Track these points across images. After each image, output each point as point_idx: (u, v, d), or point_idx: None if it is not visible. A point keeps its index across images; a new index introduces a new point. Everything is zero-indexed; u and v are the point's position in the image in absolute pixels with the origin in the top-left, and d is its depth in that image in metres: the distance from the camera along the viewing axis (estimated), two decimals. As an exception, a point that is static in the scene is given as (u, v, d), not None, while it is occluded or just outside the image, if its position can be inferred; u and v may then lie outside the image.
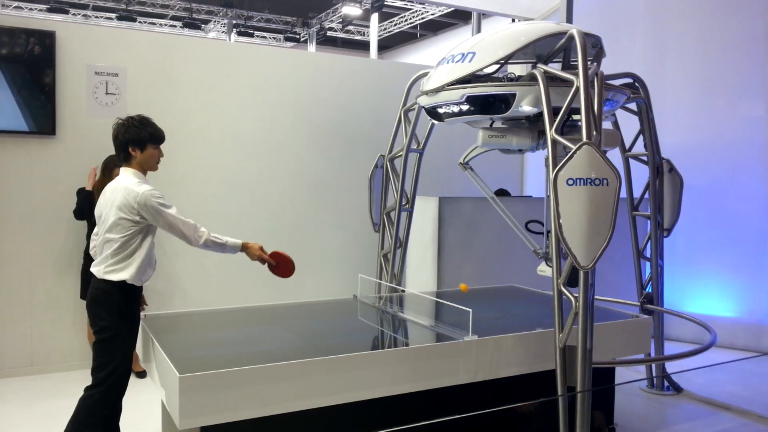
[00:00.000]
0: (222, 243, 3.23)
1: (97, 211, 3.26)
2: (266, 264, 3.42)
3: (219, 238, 3.23)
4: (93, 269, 3.17)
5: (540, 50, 3.97)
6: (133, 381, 4.92)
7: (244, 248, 3.33)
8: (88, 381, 3.23)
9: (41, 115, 5.07)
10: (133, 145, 3.17)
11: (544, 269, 4.29)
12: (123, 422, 3.46)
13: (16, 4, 15.08)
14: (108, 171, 4.87)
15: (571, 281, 3.23)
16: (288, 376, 2.78)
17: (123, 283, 3.09)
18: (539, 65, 3.67)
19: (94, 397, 3.07)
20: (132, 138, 3.17)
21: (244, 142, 5.99)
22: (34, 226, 5.16)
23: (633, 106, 4.73)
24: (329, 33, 16.54)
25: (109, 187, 3.21)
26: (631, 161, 4.95)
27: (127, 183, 3.12)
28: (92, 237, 3.33)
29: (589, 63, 3.42)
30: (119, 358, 3.10)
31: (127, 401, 3.17)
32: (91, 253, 3.32)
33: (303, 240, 6.28)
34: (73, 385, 4.82)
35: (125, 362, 3.13)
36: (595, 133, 3.21)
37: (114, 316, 3.08)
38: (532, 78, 3.60)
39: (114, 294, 3.08)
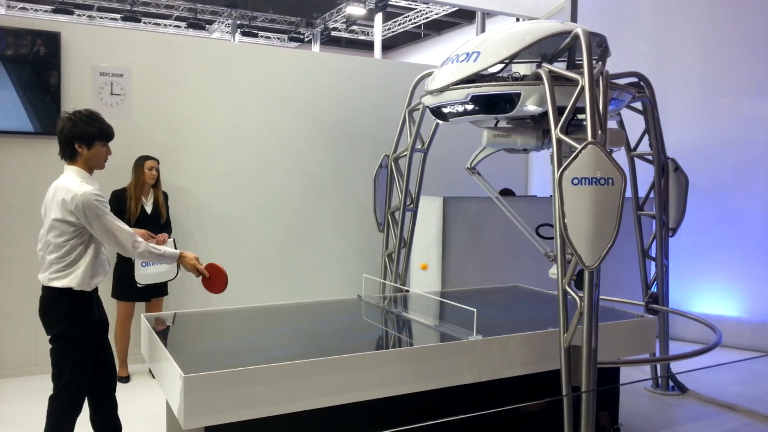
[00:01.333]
0: (160, 254, 3.08)
1: (42, 212, 3.11)
2: (200, 276, 3.25)
3: (156, 249, 3.07)
4: (39, 275, 3.01)
5: (545, 49, 3.97)
6: (138, 381, 4.97)
7: (181, 258, 3.17)
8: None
9: (46, 116, 5.09)
10: (79, 142, 2.97)
11: (556, 272, 4.28)
12: (128, 422, 3.47)
13: (21, 5, 15.14)
14: (138, 169, 4.96)
15: (579, 284, 3.23)
16: (292, 376, 2.78)
17: (70, 290, 2.94)
18: (544, 64, 3.66)
19: (58, 408, 2.98)
20: (79, 133, 2.97)
21: (249, 143, 6.00)
22: (39, 225, 5.15)
23: (638, 105, 4.71)
24: (333, 33, 16.55)
25: (52, 186, 3.04)
26: (637, 160, 4.94)
27: (68, 183, 2.93)
28: (39, 237, 3.14)
29: (594, 62, 3.41)
30: (73, 365, 2.97)
31: (132, 401, 3.18)
32: (38, 254, 3.11)
33: (307, 240, 6.29)
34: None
35: (81, 368, 3.00)
36: (600, 132, 3.20)
37: (64, 324, 2.94)
38: (536, 77, 3.59)
39: (61, 301, 2.94)
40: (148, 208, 5.02)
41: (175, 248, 5.02)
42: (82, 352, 3.00)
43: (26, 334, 5.14)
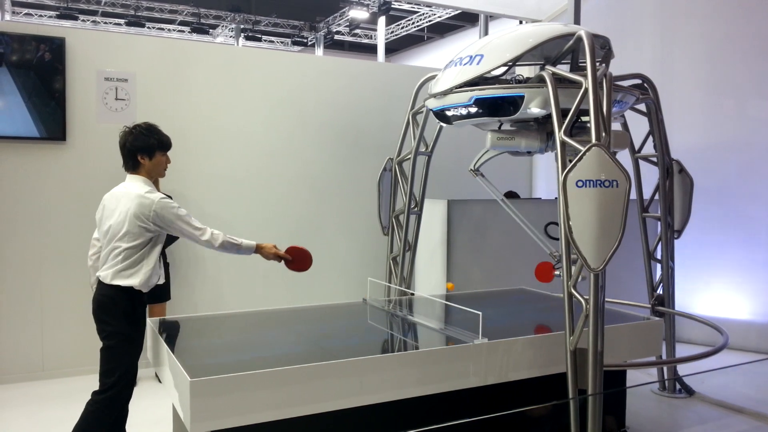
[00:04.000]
0: (237, 244, 3.26)
1: (99, 216, 3.25)
2: (282, 261, 3.44)
3: (234, 240, 3.26)
4: (100, 274, 3.16)
5: (548, 52, 3.96)
6: (144, 386, 4.97)
7: (259, 249, 3.35)
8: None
9: (52, 121, 5.11)
10: (141, 153, 3.19)
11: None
12: (134, 427, 3.47)
13: (26, 10, 15.21)
14: None
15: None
16: (298, 380, 2.78)
17: (131, 289, 3.10)
18: (547, 67, 3.66)
19: (102, 403, 3.08)
20: (140, 146, 3.19)
21: (252, 146, 6.01)
22: (45, 231, 5.20)
23: (642, 107, 4.70)
24: (336, 36, 16.58)
25: (116, 195, 3.20)
26: (641, 162, 4.93)
27: (138, 191, 3.12)
28: (92, 242, 3.33)
29: (597, 64, 3.41)
30: (127, 363, 3.12)
31: (138, 405, 3.19)
32: (91, 259, 3.31)
33: (312, 243, 6.25)
34: (84, 389, 4.82)
35: (133, 368, 3.15)
36: (604, 134, 3.20)
37: (122, 322, 3.10)
38: (540, 80, 3.59)
39: (121, 300, 3.10)
40: None
41: (166, 261, 5.14)
42: (137, 349, 3.17)
43: (31, 339, 5.16)
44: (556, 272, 4.40)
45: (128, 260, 3.09)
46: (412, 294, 5.05)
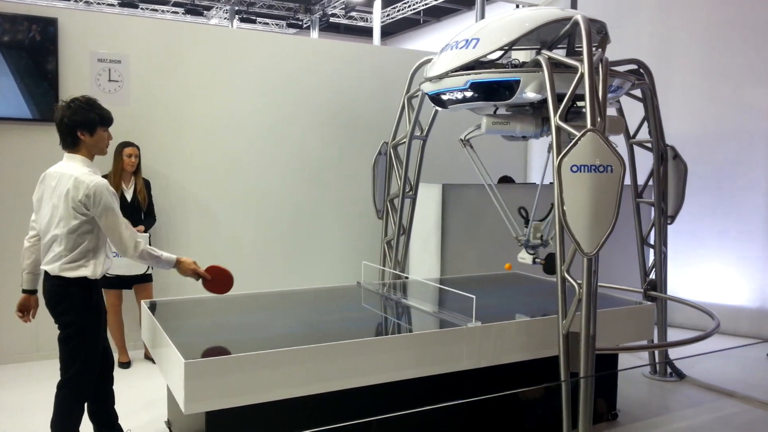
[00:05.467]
0: (157, 256, 3.06)
1: (37, 198, 3.05)
2: (200, 279, 3.23)
3: (154, 251, 3.06)
4: (45, 267, 2.97)
5: (544, 36, 3.95)
6: (137, 367, 4.99)
7: (178, 263, 3.14)
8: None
9: (44, 103, 5.07)
10: (81, 129, 2.94)
11: (525, 256, 4.32)
12: (128, 407, 3.49)
13: (17, -10, 14.99)
14: (117, 156, 4.91)
15: (549, 268, 3.21)
16: (292, 361, 2.80)
17: (83, 279, 2.94)
18: (543, 51, 3.65)
19: (69, 394, 2.98)
20: (80, 120, 2.93)
21: (247, 129, 5.99)
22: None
23: (638, 92, 4.70)
24: (332, 19, 16.44)
25: (52, 175, 2.98)
26: (636, 148, 4.94)
27: (75, 172, 2.89)
28: (31, 224, 3.13)
29: (593, 49, 3.40)
30: (85, 353, 2.98)
31: (132, 386, 3.20)
32: (29, 241, 3.12)
33: (306, 226, 6.29)
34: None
35: (94, 355, 3.02)
36: (599, 119, 3.20)
37: (78, 311, 2.94)
38: (536, 64, 3.59)
39: (72, 290, 2.93)
40: (128, 196, 4.99)
41: (150, 243, 4.98)
42: (95, 337, 3.02)
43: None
44: (520, 256, 4.45)
45: (74, 251, 2.90)
46: (406, 278, 5.07)
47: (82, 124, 2.95)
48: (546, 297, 4.24)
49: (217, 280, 3.26)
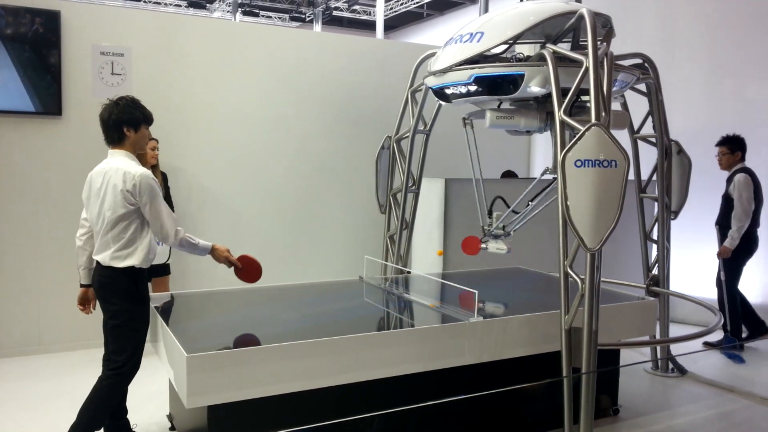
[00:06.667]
0: (195, 244, 3.23)
1: (85, 196, 3.19)
2: (232, 267, 3.41)
3: (193, 239, 3.22)
4: (97, 257, 3.12)
5: (549, 30, 3.93)
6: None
7: (213, 250, 3.32)
8: (96, 360, 3.28)
9: (47, 96, 5.07)
10: (128, 126, 3.13)
11: (501, 247, 4.46)
12: (131, 401, 3.50)
13: (20, -18, 14.97)
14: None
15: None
16: (295, 356, 2.80)
17: (131, 268, 3.08)
18: (548, 45, 3.63)
19: (114, 378, 3.09)
20: (127, 119, 3.12)
21: (250, 122, 5.98)
22: (41, 205, 5.18)
23: (642, 87, 4.68)
24: (335, 12, 16.38)
25: (101, 171, 3.12)
26: (640, 142, 4.92)
27: (122, 165, 3.06)
28: (81, 222, 3.26)
29: (598, 43, 3.38)
30: (135, 340, 3.12)
31: (135, 379, 3.20)
32: (80, 239, 3.24)
33: (309, 221, 6.29)
34: (80, 363, 4.89)
35: (141, 345, 3.15)
36: (604, 114, 3.18)
37: (125, 301, 3.09)
38: (540, 58, 3.57)
39: (122, 279, 3.08)
40: None
41: None
42: (143, 326, 3.17)
43: (28, 314, 5.17)
44: (483, 245, 4.53)
45: (122, 240, 3.05)
46: (409, 272, 5.06)
47: (128, 122, 3.13)
48: (548, 292, 4.24)
49: (248, 269, 3.41)
